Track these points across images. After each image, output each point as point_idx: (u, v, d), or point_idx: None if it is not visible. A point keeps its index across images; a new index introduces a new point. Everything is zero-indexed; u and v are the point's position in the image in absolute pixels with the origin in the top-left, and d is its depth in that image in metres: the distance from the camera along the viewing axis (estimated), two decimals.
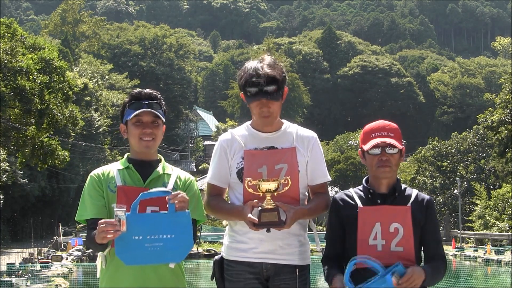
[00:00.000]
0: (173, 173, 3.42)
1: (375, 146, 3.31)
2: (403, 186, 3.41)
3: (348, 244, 3.35)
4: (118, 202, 3.20)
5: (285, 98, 3.46)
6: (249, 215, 3.25)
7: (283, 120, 3.55)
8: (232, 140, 3.49)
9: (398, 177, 3.43)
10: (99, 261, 3.36)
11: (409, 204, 3.33)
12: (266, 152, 3.43)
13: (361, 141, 3.41)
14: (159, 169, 3.38)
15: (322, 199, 3.49)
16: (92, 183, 3.35)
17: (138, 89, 3.44)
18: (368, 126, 3.40)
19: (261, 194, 3.27)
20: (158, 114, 3.35)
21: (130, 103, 3.37)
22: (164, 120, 3.42)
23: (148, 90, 3.41)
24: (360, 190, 3.42)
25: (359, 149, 3.43)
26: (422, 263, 3.37)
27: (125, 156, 3.45)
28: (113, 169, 3.37)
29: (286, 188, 3.30)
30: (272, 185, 3.26)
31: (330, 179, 3.58)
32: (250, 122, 3.56)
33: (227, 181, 3.49)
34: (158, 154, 3.47)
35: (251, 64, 3.39)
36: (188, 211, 3.09)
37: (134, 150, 3.40)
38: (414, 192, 3.40)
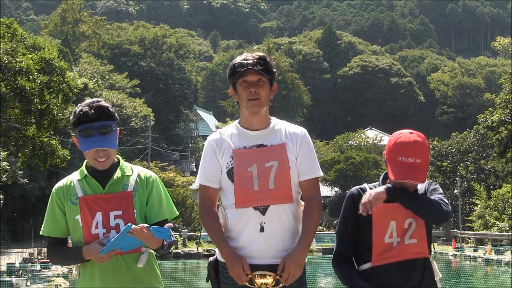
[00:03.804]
0: (133, 173, 3.38)
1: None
2: None
3: (363, 240, 3.33)
4: (82, 213, 3.27)
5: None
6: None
7: (272, 118, 3.51)
8: (221, 139, 3.44)
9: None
10: (76, 272, 3.41)
11: None
12: (255, 150, 3.38)
13: (387, 151, 3.32)
14: (118, 173, 3.35)
15: (313, 215, 3.39)
16: (53, 200, 3.39)
17: (85, 108, 3.27)
18: (398, 140, 3.28)
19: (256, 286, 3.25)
20: (108, 139, 3.27)
21: (79, 130, 3.27)
22: (116, 128, 3.35)
23: (96, 105, 3.27)
24: (376, 188, 3.36)
25: (384, 152, 3.36)
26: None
27: (84, 163, 3.41)
28: (74, 179, 3.37)
29: (282, 284, 3.25)
30: (268, 280, 3.22)
31: (321, 174, 3.47)
32: (238, 121, 3.52)
33: (218, 181, 3.43)
34: (116, 156, 3.42)
35: (240, 55, 3.46)
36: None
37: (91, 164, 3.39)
38: (419, 186, 3.38)
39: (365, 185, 3.42)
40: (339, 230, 3.43)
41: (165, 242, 3.23)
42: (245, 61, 3.36)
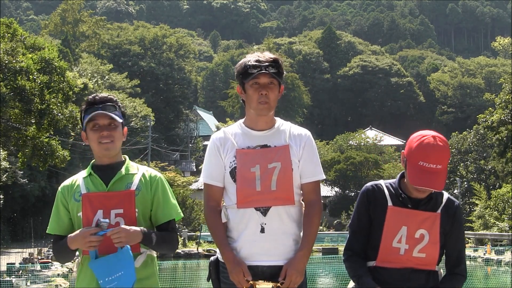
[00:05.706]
0: (138, 172, 3.40)
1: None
2: None
3: (372, 238, 3.31)
4: (83, 209, 3.30)
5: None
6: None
7: (277, 118, 3.50)
8: (225, 138, 3.44)
9: None
10: (75, 267, 3.44)
11: (439, 211, 3.27)
12: (258, 150, 3.37)
13: (407, 152, 3.21)
14: (122, 170, 3.37)
15: (313, 221, 3.39)
16: (58, 199, 3.43)
17: (94, 95, 3.44)
18: (422, 143, 3.16)
19: None
20: (113, 116, 3.34)
21: (85, 110, 3.38)
22: (121, 121, 3.40)
23: (103, 94, 3.42)
24: (392, 186, 3.33)
25: (403, 151, 3.27)
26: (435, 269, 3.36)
27: (91, 163, 3.45)
28: (80, 178, 3.41)
29: None
30: (268, 286, 3.24)
31: (323, 177, 3.45)
32: (243, 120, 3.51)
33: (222, 179, 3.42)
34: (123, 155, 3.46)
35: (251, 55, 3.42)
36: (127, 247, 3.17)
37: (97, 155, 3.40)
38: (445, 196, 3.32)
39: (381, 181, 3.39)
40: (352, 226, 3.40)
41: (153, 237, 3.26)
42: (258, 63, 3.33)
